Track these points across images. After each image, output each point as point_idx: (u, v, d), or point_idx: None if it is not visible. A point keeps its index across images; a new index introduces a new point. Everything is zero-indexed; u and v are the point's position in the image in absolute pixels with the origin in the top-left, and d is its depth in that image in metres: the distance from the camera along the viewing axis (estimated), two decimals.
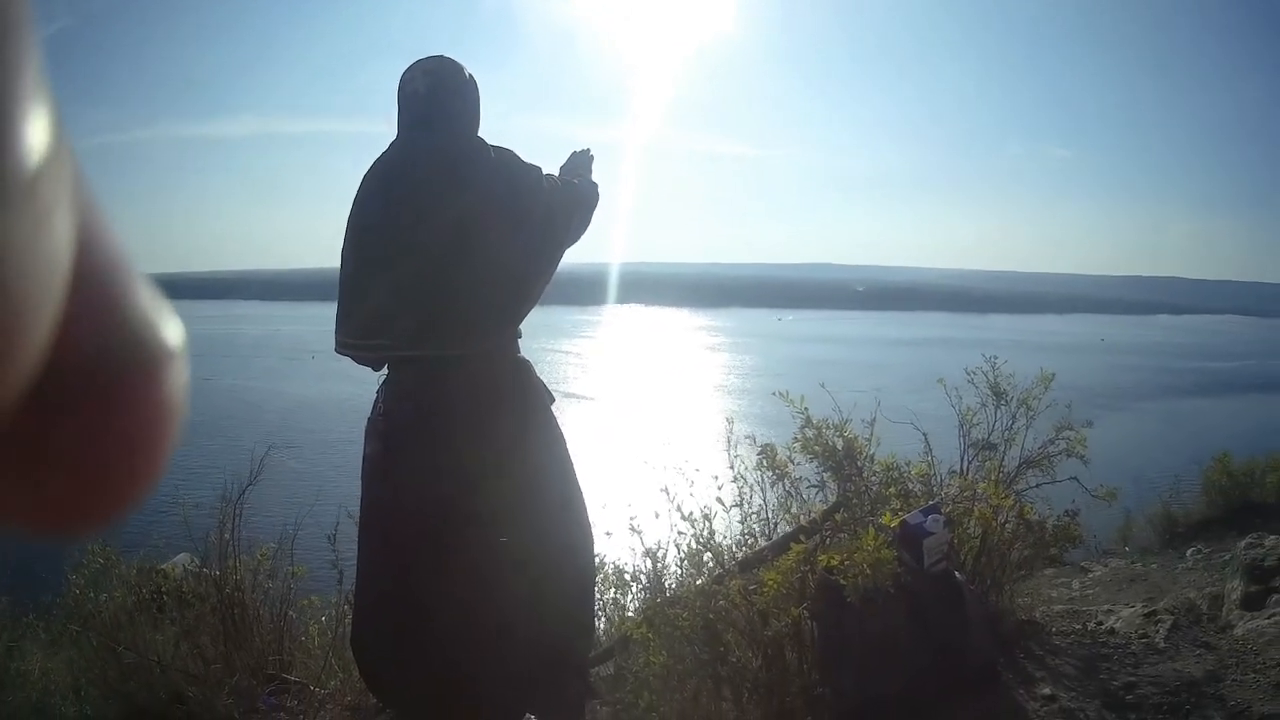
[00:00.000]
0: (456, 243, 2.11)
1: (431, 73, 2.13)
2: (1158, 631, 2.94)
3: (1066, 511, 2.86)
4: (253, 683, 2.69)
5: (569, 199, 2.21)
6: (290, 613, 2.71)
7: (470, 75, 2.16)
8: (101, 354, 0.16)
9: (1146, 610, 2.94)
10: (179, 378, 0.17)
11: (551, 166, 2.34)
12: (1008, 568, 2.61)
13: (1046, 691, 2.65)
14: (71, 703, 2.97)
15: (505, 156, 2.16)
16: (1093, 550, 3.47)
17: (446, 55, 2.17)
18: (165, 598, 2.75)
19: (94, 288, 0.15)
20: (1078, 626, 2.83)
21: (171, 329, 0.17)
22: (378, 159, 2.20)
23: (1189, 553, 3.44)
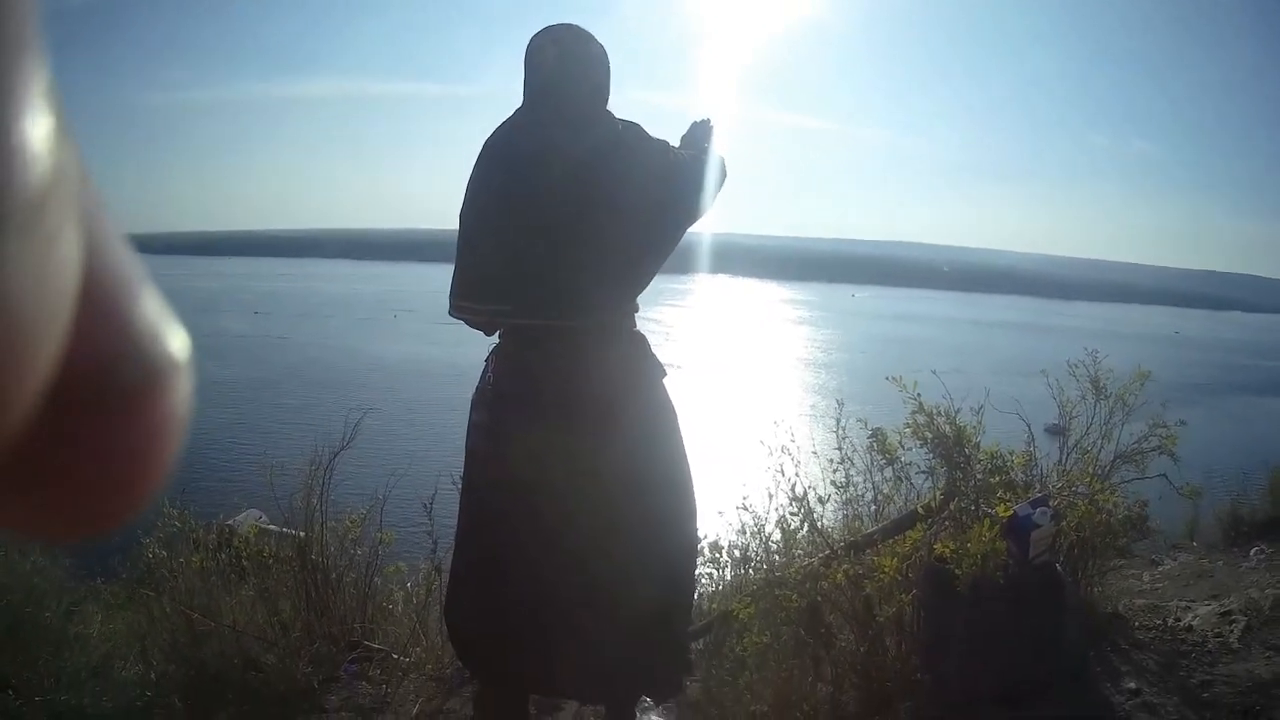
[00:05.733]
0: (579, 215, 2.07)
1: (560, 41, 2.08)
2: (1232, 631, 2.95)
3: (1137, 501, 2.86)
4: (333, 650, 2.66)
5: (695, 175, 2.17)
6: (376, 579, 2.67)
7: (600, 46, 2.11)
8: (105, 366, 0.16)
9: (1222, 609, 2.96)
10: (183, 390, 0.17)
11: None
12: (1097, 561, 2.60)
13: (1131, 686, 2.66)
14: (135, 666, 2.93)
15: (632, 130, 2.12)
16: (1162, 545, 3.49)
17: (576, 24, 2.12)
18: (245, 562, 2.70)
19: (99, 299, 0.15)
20: (1158, 622, 2.84)
21: (176, 340, 0.17)
22: (501, 125, 2.16)
23: (1252, 552, 3.46)
